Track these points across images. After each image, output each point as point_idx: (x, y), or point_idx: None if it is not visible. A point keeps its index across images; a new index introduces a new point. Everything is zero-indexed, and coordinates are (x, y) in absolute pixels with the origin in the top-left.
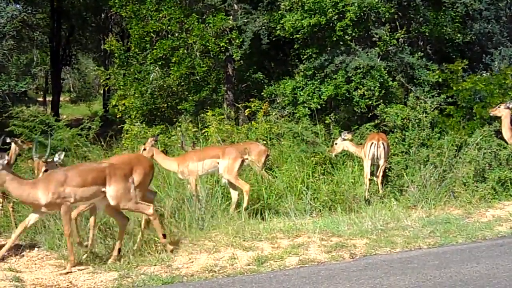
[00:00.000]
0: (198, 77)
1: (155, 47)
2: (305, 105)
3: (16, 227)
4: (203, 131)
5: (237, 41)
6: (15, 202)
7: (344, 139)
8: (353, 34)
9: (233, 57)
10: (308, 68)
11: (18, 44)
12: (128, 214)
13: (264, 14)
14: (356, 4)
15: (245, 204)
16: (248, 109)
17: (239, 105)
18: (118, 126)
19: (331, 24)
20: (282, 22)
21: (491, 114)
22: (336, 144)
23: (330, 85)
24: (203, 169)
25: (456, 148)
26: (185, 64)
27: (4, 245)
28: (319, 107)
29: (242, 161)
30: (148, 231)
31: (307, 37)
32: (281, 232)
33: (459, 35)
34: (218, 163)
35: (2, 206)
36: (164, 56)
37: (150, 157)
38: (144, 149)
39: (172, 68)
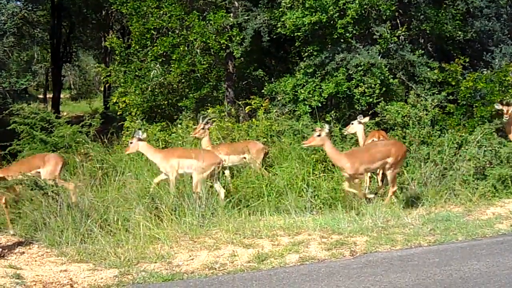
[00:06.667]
0: (198, 74)
1: (155, 44)
2: (306, 102)
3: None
4: None
5: (237, 38)
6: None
7: (360, 122)
8: (354, 31)
9: (234, 54)
10: (308, 65)
11: (19, 41)
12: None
13: (264, 11)
14: (357, 2)
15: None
16: (248, 106)
17: (240, 103)
18: (119, 123)
19: (332, 22)
20: (283, 19)
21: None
22: (352, 124)
23: (331, 83)
24: (180, 168)
25: (456, 146)
26: (186, 61)
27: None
28: (319, 104)
29: (219, 164)
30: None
31: (308, 34)
32: (282, 229)
33: (459, 32)
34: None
35: None
36: (164, 53)
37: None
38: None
39: (172, 65)
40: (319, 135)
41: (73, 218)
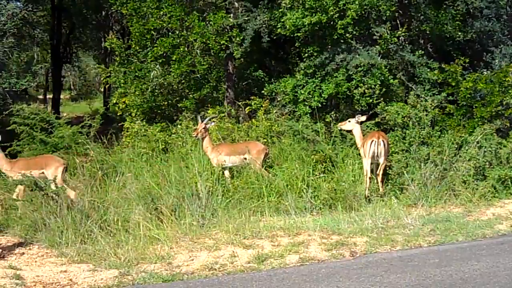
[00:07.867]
0: (198, 75)
1: (155, 45)
2: (306, 103)
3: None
4: None
5: (237, 39)
6: None
7: (357, 122)
8: (354, 32)
9: (234, 55)
10: (308, 66)
11: (19, 41)
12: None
13: (264, 12)
14: (357, 3)
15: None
16: (248, 107)
17: (240, 103)
18: (119, 124)
19: (332, 23)
20: (282, 20)
21: None
22: (349, 121)
23: (331, 83)
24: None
25: (456, 146)
26: (186, 62)
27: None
28: (319, 105)
29: (65, 169)
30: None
31: (308, 35)
32: (282, 230)
33: (459, 33)
34: (43, 172)
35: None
36: (164, 54)
37: None
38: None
39: (172, 66)
40: None
41: (73, 219)
